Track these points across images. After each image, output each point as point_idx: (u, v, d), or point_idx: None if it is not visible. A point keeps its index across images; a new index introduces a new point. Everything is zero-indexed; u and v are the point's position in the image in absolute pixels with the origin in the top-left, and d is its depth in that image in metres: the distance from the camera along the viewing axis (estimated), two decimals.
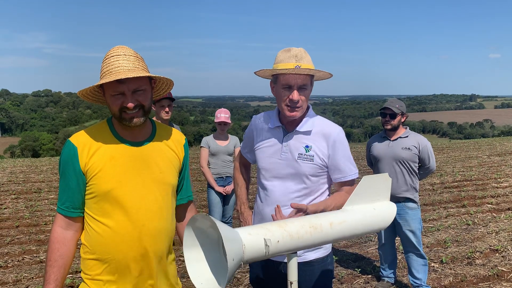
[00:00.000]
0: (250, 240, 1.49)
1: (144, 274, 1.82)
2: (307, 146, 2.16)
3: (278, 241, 1.55)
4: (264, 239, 1.51)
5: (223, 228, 1.41)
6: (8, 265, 5.25)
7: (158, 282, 1.87)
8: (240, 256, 1.43)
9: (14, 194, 9.24)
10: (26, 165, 14.35)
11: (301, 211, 1.97)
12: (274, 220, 1.96)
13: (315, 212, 2.05)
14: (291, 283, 1.68)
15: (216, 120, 5.24)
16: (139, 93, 1.77)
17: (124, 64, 1.74)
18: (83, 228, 1.85)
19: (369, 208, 1.86)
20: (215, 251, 1.54)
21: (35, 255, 5.58)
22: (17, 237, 6.34)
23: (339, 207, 2.14)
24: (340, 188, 2.24)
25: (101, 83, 1.72)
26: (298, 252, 1.69)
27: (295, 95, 2.07)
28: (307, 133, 2.19)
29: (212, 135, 5.39)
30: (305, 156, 2.15)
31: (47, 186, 10.18)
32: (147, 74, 1.74)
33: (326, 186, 2.25)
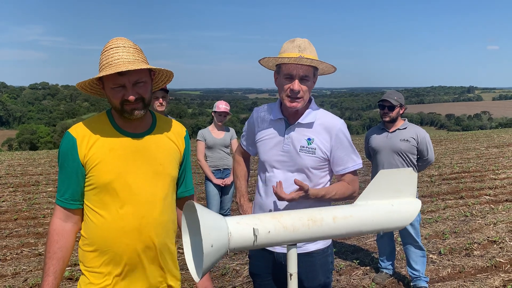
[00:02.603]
0: (237, 228, 1.49)
1: (144, 266, 1.82)
2: (309, 139, 2.15)
3: (269, 231, 1.54)
4: (253, 228, 1.51)
5: (204, 214, 1.41)
6: (7, 258, 5.25)
7: (157, 274, 1.87)
8: (224, 244, 1.44)
9: (12, 187, 9.23)
10: (24, 158, 14.31)
11: (302, 189, 2.02)
12: (274, 191, 2.05)
13: (316, 195, 2.08)
14: (290, 275, 1.68)
15: (216, 110, 5.18)
16: (139, 85, 1.75)
17: (124, 56, 1.72)
18: (82, 220, 1.84)
19: (386, 205, 1.75)
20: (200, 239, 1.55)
21: (33, 248, 5.58)
22: (16, 230, 6.34)
23: (340, 195, 2.15)
24: (342, 178, 2.23)
25: (102, 75, 1.69)
26: (298, 243, 1.68)
27: (295, 85, 2.06)
28: (309, 125, 2.17)
29: (207, 128, 5.34)
30: (307, 148, 2.15)
31: (45, 179, 10.16)
32: (148, 66, 1.72)
33: (328, 178, 2.25)
